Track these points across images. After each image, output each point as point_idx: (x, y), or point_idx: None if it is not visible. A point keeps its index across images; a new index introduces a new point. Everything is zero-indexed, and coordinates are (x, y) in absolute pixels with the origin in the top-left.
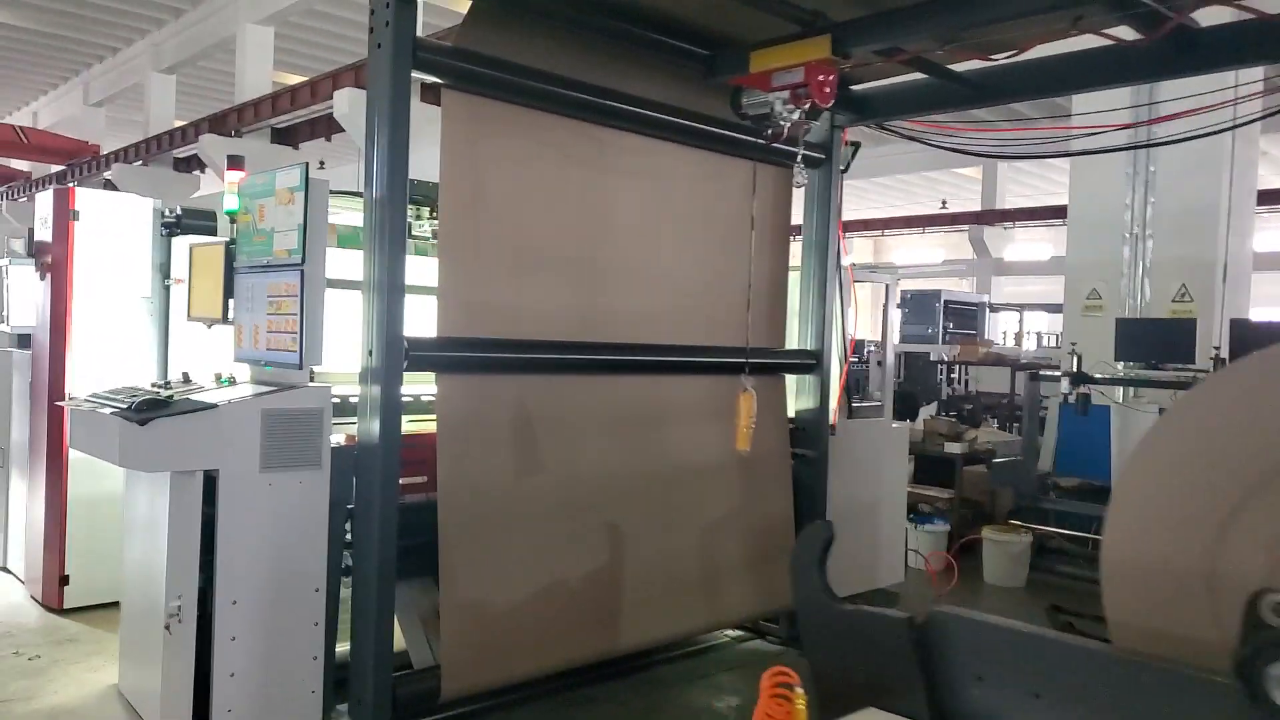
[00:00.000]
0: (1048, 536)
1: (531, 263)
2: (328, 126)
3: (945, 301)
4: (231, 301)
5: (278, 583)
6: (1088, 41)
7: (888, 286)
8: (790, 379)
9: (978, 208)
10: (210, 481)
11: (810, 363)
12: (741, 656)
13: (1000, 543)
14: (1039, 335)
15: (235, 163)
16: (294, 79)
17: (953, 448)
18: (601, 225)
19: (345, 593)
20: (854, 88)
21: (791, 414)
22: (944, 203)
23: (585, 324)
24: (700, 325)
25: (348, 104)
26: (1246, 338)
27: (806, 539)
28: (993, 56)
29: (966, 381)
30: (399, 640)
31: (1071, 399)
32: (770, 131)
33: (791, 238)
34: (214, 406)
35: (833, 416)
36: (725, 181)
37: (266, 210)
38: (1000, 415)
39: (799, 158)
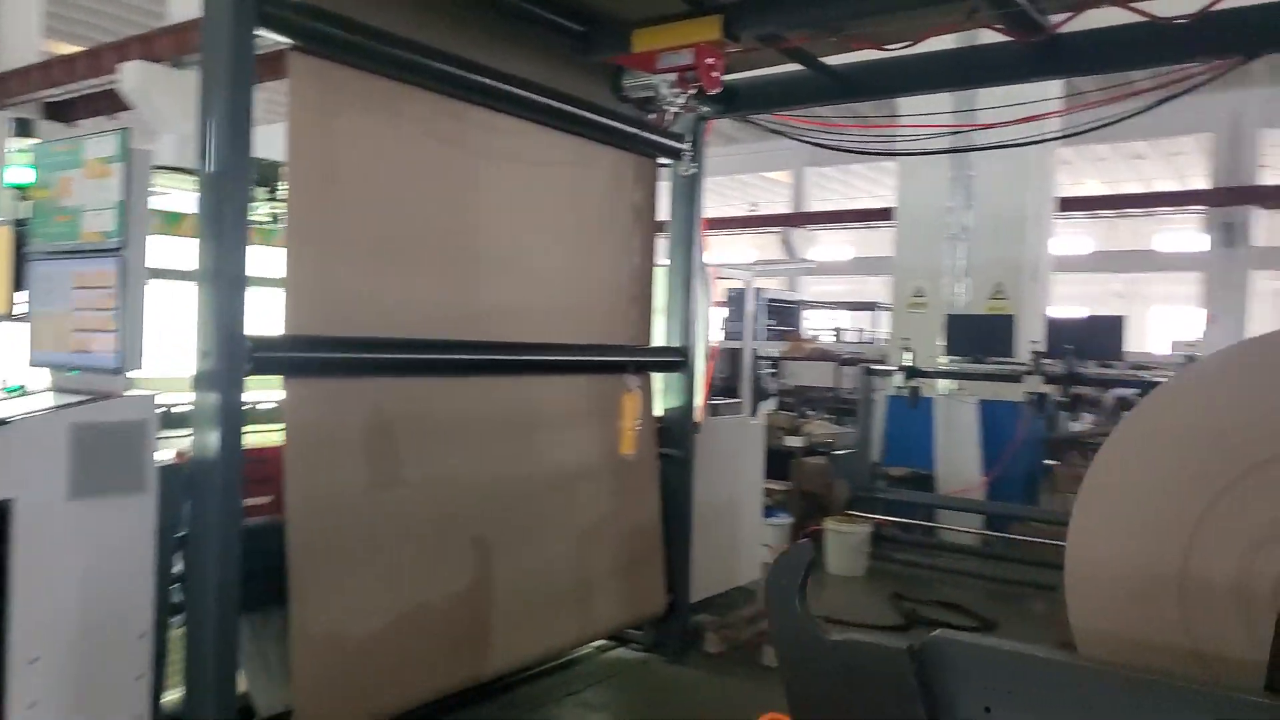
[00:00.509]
0: (882, 525)
1: (394, 252)
2: (111, 103)
3: (767, 300)
4: (22, 294)
5: (92, 631)
6: (962, 40)
7: (746, 284)
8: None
9: (786, 210)
10: (2, 513)
11: (679, 360)
12: (606, 668)
13: (842, 533)
14: (838, 331)
15: (26, 129)
16: (67, 48)
17: (793, 441)
18: (470, 212)
19: (176, 633)
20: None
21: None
22: (755, 205)
23: (454, 320)
24: (574, 321)
25: (138, 78)
26: (1061, 332)
27: (785, 563)
28: (886, 47)
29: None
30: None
31: (905, 392)
32: (653, 116)
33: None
34: (3, 422)
35: (697, 414)
36: (597, 170)
37: (73, 184)
38: (823, 408)
39: (683, 145)
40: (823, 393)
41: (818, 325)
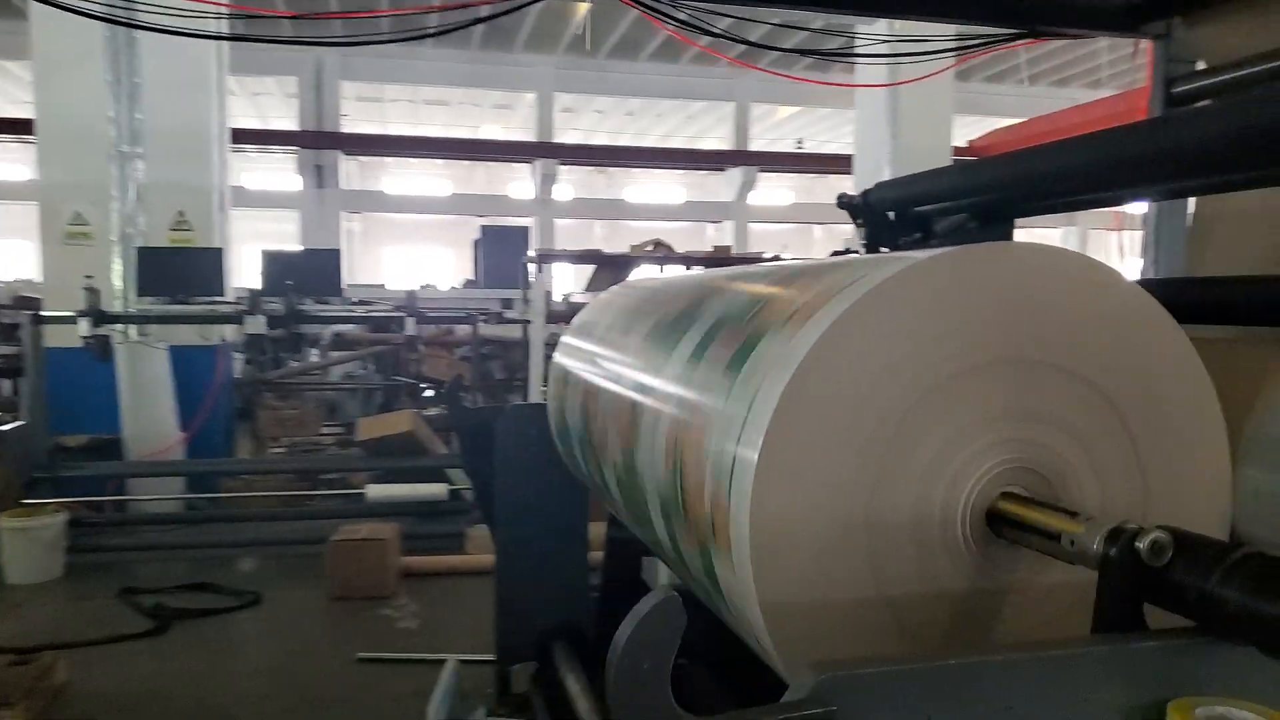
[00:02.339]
0: (73, 510)
1: None
2: None
3: None
4: None
5: None
6: None
7: None
8: None
9: None
10: None
11: None
12: None
13: (27, 530)
14: None
15: None
16: None
17: None
18: None
19: None
20: None
21: None
22: None
23: None
24: None
25: None
26: (278, 270)
27: (641, 638)
28: None
29: None
30: None
31: (92, 343)
32: None
33: None
34: None
35: None
36: None
37: None
38: None
39: None
40: None
41: None
